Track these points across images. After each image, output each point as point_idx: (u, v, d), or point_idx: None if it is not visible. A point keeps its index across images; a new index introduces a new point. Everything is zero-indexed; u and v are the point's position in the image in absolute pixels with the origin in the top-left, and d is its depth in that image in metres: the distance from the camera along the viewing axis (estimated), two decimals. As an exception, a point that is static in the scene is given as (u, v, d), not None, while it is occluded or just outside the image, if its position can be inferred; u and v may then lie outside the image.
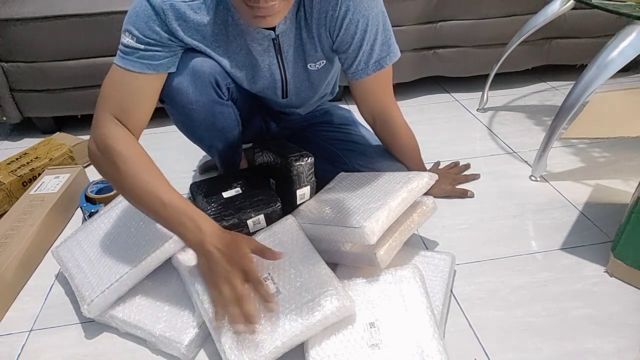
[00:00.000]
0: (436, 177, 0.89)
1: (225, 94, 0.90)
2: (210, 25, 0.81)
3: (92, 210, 1.04)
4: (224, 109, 0.92)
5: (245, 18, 0.76)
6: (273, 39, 0.84)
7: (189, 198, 1.07)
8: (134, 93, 0.79)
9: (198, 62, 0.84)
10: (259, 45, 0.85)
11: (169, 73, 0.83)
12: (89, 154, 0.79)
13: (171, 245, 0.83)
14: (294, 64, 0.90)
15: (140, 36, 0.76)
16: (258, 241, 0.77)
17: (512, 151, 1.31)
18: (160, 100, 0.86)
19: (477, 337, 0.76)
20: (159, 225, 0.86)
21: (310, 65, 0.91)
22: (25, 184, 1.21)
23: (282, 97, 0.97)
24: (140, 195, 0.74)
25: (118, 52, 0.78)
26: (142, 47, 0.77)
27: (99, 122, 0.78)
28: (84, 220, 1.09)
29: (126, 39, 0.77)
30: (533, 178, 1.17)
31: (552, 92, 1.70)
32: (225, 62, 0.87)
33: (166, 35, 0.78)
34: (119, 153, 0.75)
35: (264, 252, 0.75)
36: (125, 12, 1.35)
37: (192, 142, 1.02)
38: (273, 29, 0.82)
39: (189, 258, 0.85)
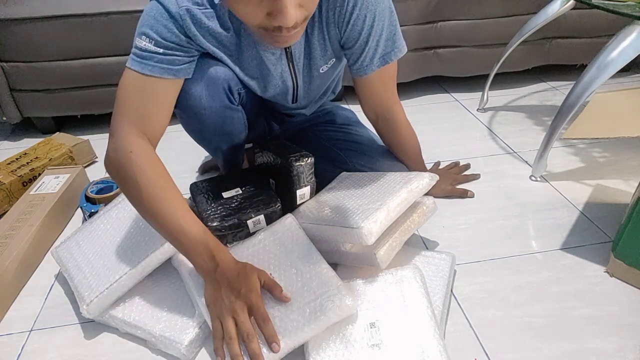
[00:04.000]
0: (437, 177, 0.89)
1: (236, 99, 0.90)
2: (223, 34, 0.80)
3: (92, 210, 1.04)
4: (234, 113, 0.92)
5: (264, 41, 0.73)
6: (285, 47, 0.83)
7: (189, 198, 1.07)
8: (153, 99, 0.77)
9: (212, 68, 0.83)
10: (271, 55, 0.84)
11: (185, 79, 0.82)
12: (108, 164, 0.77)
13: (171, 246, 0.83)
14: (305, 69, 0.90)
15: (160, 39, 0.74)
16: (270, 276, 0.75)
17: (512, 151, 1.31)
18: None
19: (477, 337, 0.76)
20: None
21: (322, 69, 0.91)
22: (25, 184, 1.21)
23: (292, 102, 0.97)
24: (158, 217, 0.73)
25: (132, 56, 0.76)
26: (162, 50, 0.75)
27: (119, 132, 0.75)
28: (84, 220, 1.09)
29: (143, 43, 0.74)
30: (533, 178, 1.17)
31: (552, 92, 1.69)
32: (238, 71, 0.87)
33: (185, 38, 0.76)
34: (142, 170, 0.73)
35: (274, 289, 0.73)
36: (125, 12, 1.38)
37: (193, 143, 1.01)
38: None
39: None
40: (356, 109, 1.03)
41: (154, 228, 0.76)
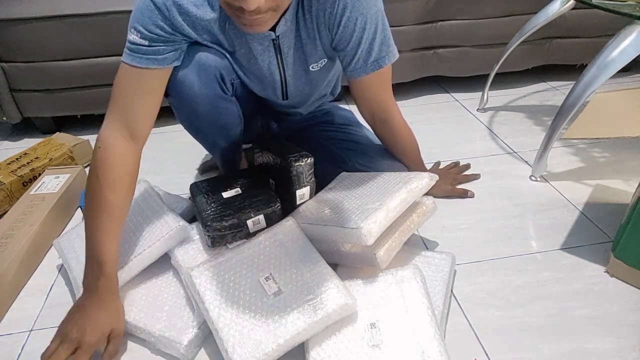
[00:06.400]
0: (436, 177, 0.89)
1: (229, 89, 0.91)
2: (213, 22, 0.81)
3: (92, 210, 1.03)
4: (228, 104, 0.92)
5: (234, 21, 0.76)
6: (273, 40, 0.84)
7: (189, 198, 1.07)
8: (138, 90, 0.79)
9: (203, 55, 0.84)
10: (259, 45, 0.85)
11: (175, 66, 0.83)
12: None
13: (168, 241, 0.83)
14: (294, 65, 0.90)
15: (145, 32, 0.77)
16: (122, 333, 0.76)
17: (512, 151, 1.31)
18: (165, 93, 0.86)
19: (477, 337, 0.76)
20: (156, 222, 0.87)
21: (312, 67, 0.91)
22: (25, 184, 1.21)
23: (283, 99, 0.97)
24: (86, 220, 0.77)
25: (125, 49, 0.79)
26: (147, 43, 0.77)
27: (103, 123, 0.80)
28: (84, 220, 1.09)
29: (132, 36, 0.78)
30: (533, 178, 1.17)
31: (552, 92, 1.69)
32: (231, 60, 0.88)
33: (170, 29, 0.78)
34: (98, 168, 0.77)
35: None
36: (124, 12, 1.38)
37: (193, 142, 1.02)
38: (273, 29, 0.82)
39: (189, 258, 0.85)
40: (355, 109, 1.03)
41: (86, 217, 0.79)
